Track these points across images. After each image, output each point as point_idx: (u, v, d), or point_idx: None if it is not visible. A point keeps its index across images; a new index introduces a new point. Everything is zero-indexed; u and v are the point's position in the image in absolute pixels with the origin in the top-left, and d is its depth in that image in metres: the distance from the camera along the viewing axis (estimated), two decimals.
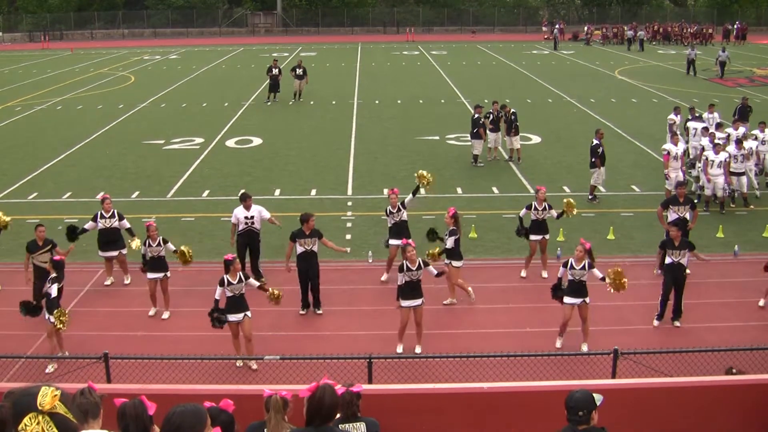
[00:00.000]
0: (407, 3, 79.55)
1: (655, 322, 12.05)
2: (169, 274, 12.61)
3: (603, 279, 11.09)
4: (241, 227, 13.67)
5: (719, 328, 11.94)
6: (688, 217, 13.85)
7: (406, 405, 6.87)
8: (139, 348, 11.29)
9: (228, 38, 72.15)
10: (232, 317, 10.81)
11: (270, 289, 11.20)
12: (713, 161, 17.07)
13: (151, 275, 12.52)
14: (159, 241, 12.45)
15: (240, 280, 10.83)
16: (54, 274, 10.92)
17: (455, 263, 12.65)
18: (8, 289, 13.40)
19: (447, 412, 6.89)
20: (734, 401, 6.95)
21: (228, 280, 10.73)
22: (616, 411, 6.13)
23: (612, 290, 11.00)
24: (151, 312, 12.67)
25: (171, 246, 12.58)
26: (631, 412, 6.81)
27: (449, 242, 12.61)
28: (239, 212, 13.69)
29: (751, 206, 17.59)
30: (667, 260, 11.92)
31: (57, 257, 11.38)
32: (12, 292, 12.99)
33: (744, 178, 17.58)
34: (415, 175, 14.05)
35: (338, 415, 5.48)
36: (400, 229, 13.55)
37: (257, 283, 11.23)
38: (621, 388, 7.12)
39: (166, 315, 12.59)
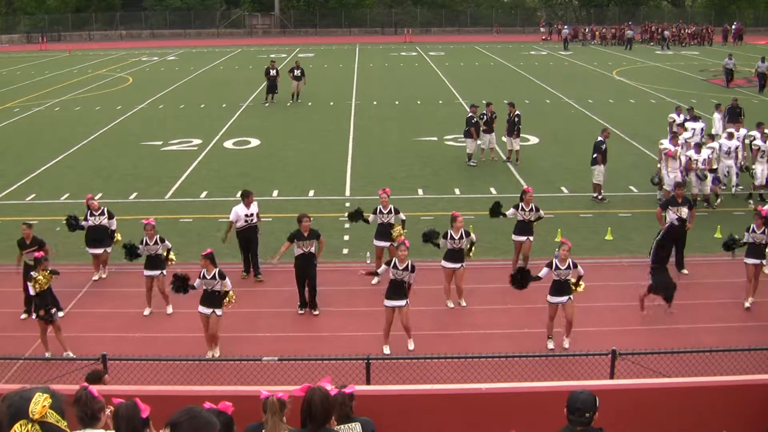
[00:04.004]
0: (405, 4, 79.62)
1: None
2: (165, 272, 12.63)
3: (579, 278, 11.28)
4: (240, 224, 13.78)
5: (717, 328, 11.95)
6: (686, 217, 13.95)
7: (405, 406, 6.87)
8: (137, 349, 11.29)
9: (226, 39, 72.16)
10: (201, 309, 11.14)
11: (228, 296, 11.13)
12: (696, 160, 17.34)
13: (147, 272, 12.63)
14: (156, 240, 12.53)
15: (214, 277, 10.99)
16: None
17: (456, 265, 12.68)
18: (6, 290, 13.38)
19: (445, 413, 6.89)
20: (733, 402, 6.95)
21: (204, 273, 11.02)
22: (614, 412, 6.13)
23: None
24: (146, 312, 12.70)
25: (168, 244, 12.70)
26: (629, 413, 6.81)
27: (473, 237, 12.81)
28: (240, 210, 13.79)
29: (716, 203, 17.70)
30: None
31: (38, 254, 11.40)
32: (10, 293, 12.98)
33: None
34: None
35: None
36: (387, 230, 13.56)
37: (228, 289, 11.08)
38: (619, 389, 7.11)
39: (170, 310, 12.65)
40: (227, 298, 11.09)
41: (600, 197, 18.30)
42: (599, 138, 18.41)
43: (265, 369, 9.60)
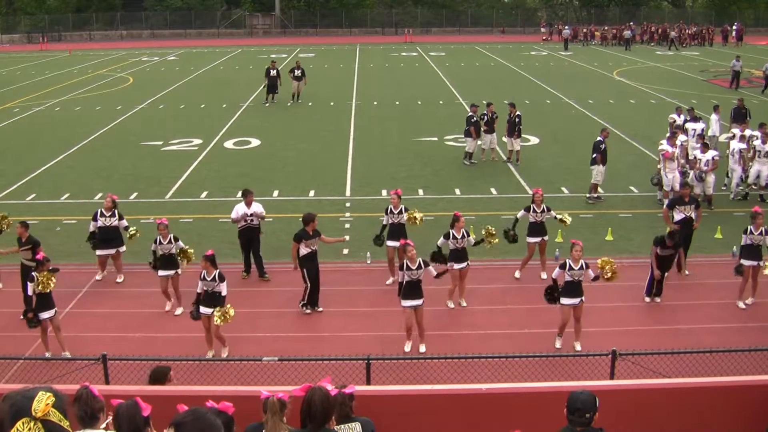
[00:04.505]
0: (405, 4, 79.63)
1: (647, 299, 12.88)
2: (180, 271, 12.71)
3: (595, 279, 11.28)
4: (241, 224, 13.80)
5: (717, 329, 11.95)
6: (693, 217, 14.00)
7: (405, 406, 6.87)
8: (137, 349, 11.29)
9: (226, 39, 72.17)
10: (203, 309, 11.10)
11: (221, 312, 10.88)
12: (700, 160, 17.37)
13: (162, 272, 12.67)
14: (170, 239, 12.57)
15: (214, 279, 11.00)
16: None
17: (461, 264, 12.70)
18: (7, 290, 13.39)
19: (445, 413, 6.89)
20: (732, 402, 6.95)
21: (204, 275, 11.03)
22: (614, 412, 6.14)
23: (609, 276, 11.24)
24: (167, 307, 12.78)
25: (181, 244, 12.73)
26: (629, 413, 6.81)
27: (472, 240, 12.80)
28: (240, 208, 13.89)
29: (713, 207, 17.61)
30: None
31: (39, 255, 11.37)
32: (10, 293, 12.99)
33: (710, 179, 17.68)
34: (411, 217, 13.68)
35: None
36: (397, 230, 13.57)
37: (224, 294, 11.01)
38: (619, 389, 7.12)
39: (179, 311, 12.67)
40: (225, 313, 10.85)
41: (589, 196, 18.30)
42: (598, 138, 18.44)
43: (265, 369, 9.61)
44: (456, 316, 12.62)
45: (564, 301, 11.21)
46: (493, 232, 13.00)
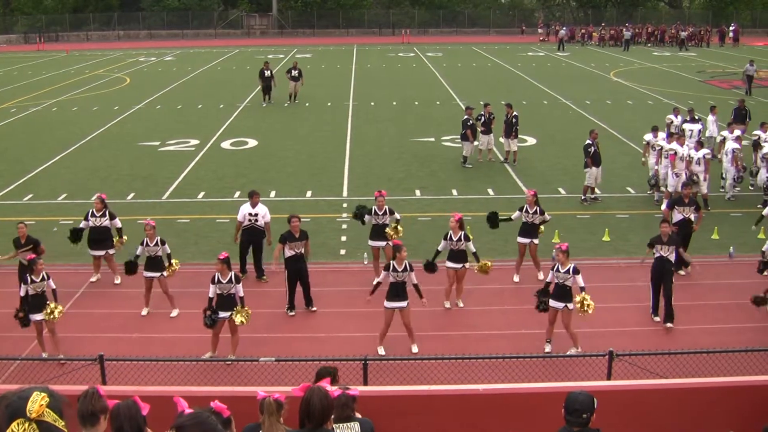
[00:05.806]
0: (402, 5, 79.61)
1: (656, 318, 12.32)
2: (165, 273, 12.62)
3: (582, 289, 11.09)
4: (244, 224, 13.86)
5: (714, 329, 11.97)
6: (692, 218, 13.97)
7: (402, 407, 6.88)
8: (134, 350, 11.28)
9: (223, 40, 72.11)
10: (221, 314, 10.97)
11: (243, 312, 10.86)
12: (693, 158, 17.41)
13: (147, 274, 12.60)
14: (157, 241, 12.51)
15: (230, 281, 10.91)
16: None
17: (457, 265, 12.67)
18: (5, 290, 13.35)
19: (443, 413, 6.89)
20: (729, 403, 6.96)
21: (218, 278, 10.89)
22: (611, 413, 6.14)
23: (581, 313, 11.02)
24: (144, 312, 12.69)
25: (167, 248, 12.65)
26: (626, 414, 6.82)
27: (471, 246, 12.68)
28: (245, 208, 13.92)
29: (709, 208, 17.58)
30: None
31: (29, 256, 11.31)
32: (8, 294, 12.95)
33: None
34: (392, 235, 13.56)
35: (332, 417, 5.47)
36: (381, 231, 13.61)
37: (241, 295, 10.99)
38: (616, 390, 7.13)
39: (174, 313, 12.63)
40: (244, 314, 10.81)
41: (584, 198, 18.31)
42: (587, 141, 18.34)
43: (262, 369, 9.61)
44: (453, 316, 12.62)
45: (551, 303, 11.22)
46: (488, 268, 12.73)
